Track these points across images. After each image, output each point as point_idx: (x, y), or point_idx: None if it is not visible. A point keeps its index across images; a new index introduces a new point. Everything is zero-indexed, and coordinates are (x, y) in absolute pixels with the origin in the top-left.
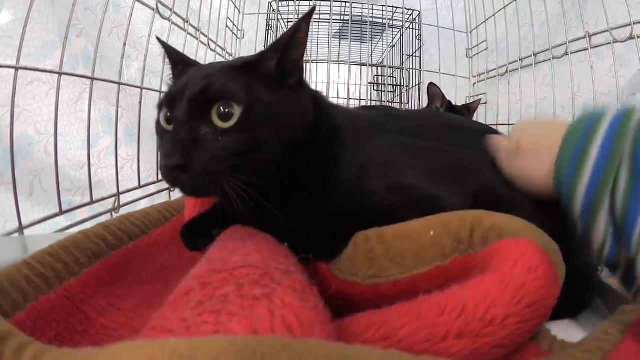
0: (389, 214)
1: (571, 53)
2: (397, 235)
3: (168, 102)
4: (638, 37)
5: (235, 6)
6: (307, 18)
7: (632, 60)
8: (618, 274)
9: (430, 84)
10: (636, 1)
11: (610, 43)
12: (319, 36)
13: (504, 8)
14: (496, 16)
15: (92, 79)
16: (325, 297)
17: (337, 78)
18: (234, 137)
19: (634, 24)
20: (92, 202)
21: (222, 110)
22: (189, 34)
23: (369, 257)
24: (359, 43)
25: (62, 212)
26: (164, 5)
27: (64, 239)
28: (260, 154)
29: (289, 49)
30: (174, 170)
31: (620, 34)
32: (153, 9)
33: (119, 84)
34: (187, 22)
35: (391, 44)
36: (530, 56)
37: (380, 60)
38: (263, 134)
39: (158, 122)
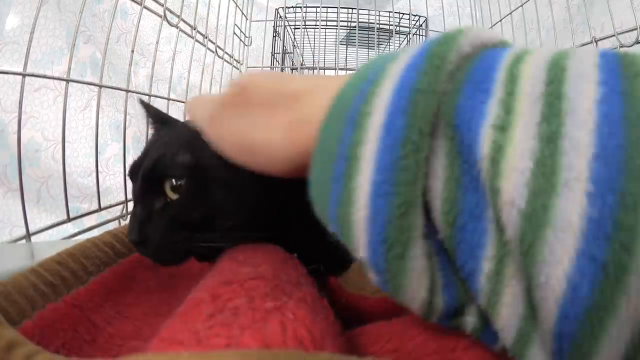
0: None
1: None
2: None
3: (131, 175)
4: None
5: (243, 13)
6: None
7: None
8: (470, 324)
9: None
10: None
11: (616, 48)
12: (327, 43)
13: (510, 14)
14: (503, 22)
15: (100, 86)
16: (335, 310)
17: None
18: (183, 208)
19: None
20: (100, 209)
21: (174, 183)
22: (196, 41)
23: None
24: (366, 49)
25: (69, 219)
26: (171, 12)
27: (72, 247)
28: (218, 221)
29: None
30: (136, 245)
31: (627, 39)
32: (161, 16)
33: (127, 91)
34: (194, 29)
35: (398, 50)
36: None
37: None
38: (215, 202)
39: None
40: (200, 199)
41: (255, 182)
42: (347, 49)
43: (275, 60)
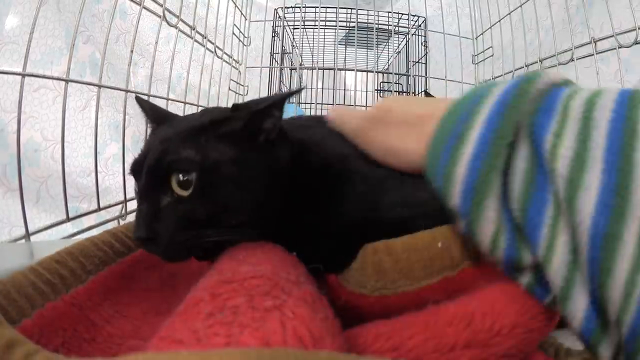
0: (398, 227)
1: (577, 59)
2: (405, 247)
3: (134, 172)
4: None
5: (242, 13)
6: (282, 100)
7: (637, 65)
8: (524, 279)
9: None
10: None
11: (615, 48)
12: (325, 43)
13: (509, 14)
14: (501, 22)
15: (100, 86)
16: (334, 308)
17: (344, 84)
18: (194, 205)
19: (639, 28)
20: (99, 209)
21: (181, 178)
22: (195, 41)
23: (377, 269)
24: (365, 49)
25: (69, 219)
26: (171, 12)
27: (71, 246)
28: (226, 217)
29: (259, 118)
30: (143, 242)
31: (626, 39)
32: (160, 16)
33: (126, 91)
34: (194, 29)
35: (397, 51)
36: (537, 62)
37: (386, 67)
38: (224, 198)
39: (135, 190)
40: (211, 195)
41: (262, 177)
42: (346, 49)
43: (274, 60)
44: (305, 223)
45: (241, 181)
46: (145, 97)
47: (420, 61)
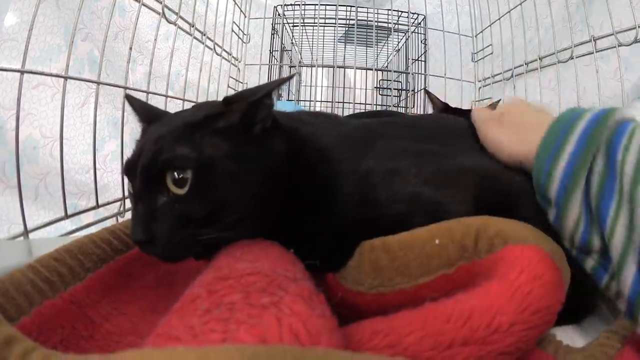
0: (394, 223)
1: (576, 57)
2: (402, 245)
3: (128, 172)
4: None
5: (241, 10)
6: (274, 88)
7: (637, 63)
8: (591, 262)
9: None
10: None
11: (615, 47)
12: (325, 40)
13: (509, 12)
14: (501, 20)
15: (98, 83)
16: (331, 305)
17: (343, 82)
18: (191, 203)
19: (639, 27)
20: (97, 206)
21: (176, 176)
22: (194, 38)
23: (374, 267)
24: (365, 47)
25: (67, 216)
26: (170, 9)
27: (70, 243)
28: (224, 214)
29: (255, 108)
30: (141, 244)
31: (625, 38)
32: (159, 13)
33: (125, 88)
34: (193, 26)
35: (396, 48)
36: (536, 60)
37: (386, 65)
38: (222, 195)
39: (129, 191)
40: (208, 192)
41: (259, 170)
42: (345, 47)
43: (273, 57)
44: (302, 219)
45: (238, 176)
46: (144, 95)
47: (419, 59)
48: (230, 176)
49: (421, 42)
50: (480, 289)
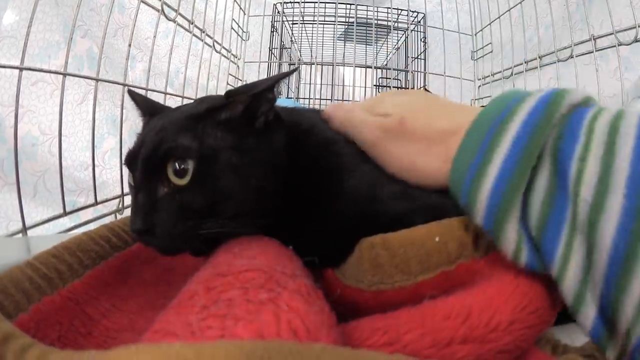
0: (395, 221)
1: (576, 56)
2: (402, 242)
3: (129, 163)
4: None
5: (241, 8)
6: (276, 82)
7: (637, 63)
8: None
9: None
10: None
11: (615, 46)
12: (324, 38)
13: (509, 10)
14: (501, 18)
15: (97, 79)
16: (330, 302)
17: (342, 80)
18: (192, 194)
19: (639, 26)
20: (96, 203)
21: (177, 167)
22: (194, 35)
23: (373, 264)
24: (364, 45)
25: (65, 213)
26: (169, 6)
27: (68, 240)
28: (226, 206)
29: (258, 101)
30: (140, 235)
31: (625, 37)
32: (158, 10)
33: (124, 85)
34: (192, 23)
35: (396, 46)
36: (536, 59)
37: (385, 63)
38: (224, 187)
39: (129, 183)
40: (209, 183)
41: (261, 163)
42: (345, 45)
43: (273, 55)
44: (302, 214)
45: (240, 168)
46: (143, 92)
47: (419, 57)
48: (231, 168)
49: (421, 40)
50: (480, 287)
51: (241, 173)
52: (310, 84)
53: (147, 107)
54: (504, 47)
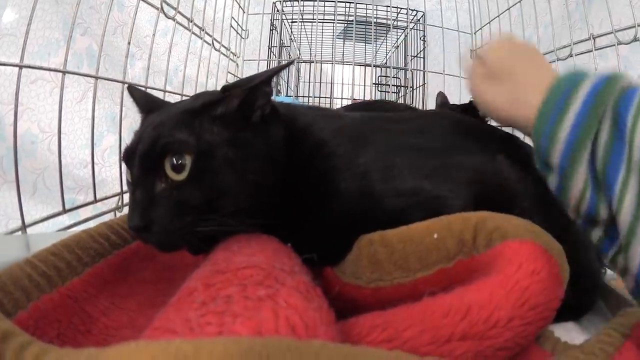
0: (393, 218)
1: (575, 55)
2: (401, 239)
3: (126, 160)
4: None
5: (240, 6)
6: (272, 75)
7: (636, 62)
8: (597, 233)
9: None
10: None
11: (614, 45)
12: (323, 36)
13: (508, 9)
14: (500, 17)
15: (96, 77)
16: (329, 299)
17: (342, 78)
18: (190, 189)
19: (638, 25)
20: (95, 200)
21: (175, 162)
22: (193, 33)
23: (372, 261)
24: (363, 43)
25: (65, 211)
26: (168, 4)
27: (67, 238)
28: (224, 202)
29: (254, 95)
30: (138, 231)
31: (625, 36)
32: (158, 8)
33: (123, 82)
34: (191, 21)
35: (395, 45)
36: None
37: (385, 61)
38: (221, 182)
39: (127, 180)
40: (207, 178)
41: (258, 158)
42: (344, 43)
43: (272, 53)
44: (300, 212)
45: (237, 162)
46: (142, 89)
47: (418, 55)
48: (228, 162)
49: (420, 38)
50: (479, 283)
51: (238, 168)
52: (309, 82)
53: (146, 103)
54: None
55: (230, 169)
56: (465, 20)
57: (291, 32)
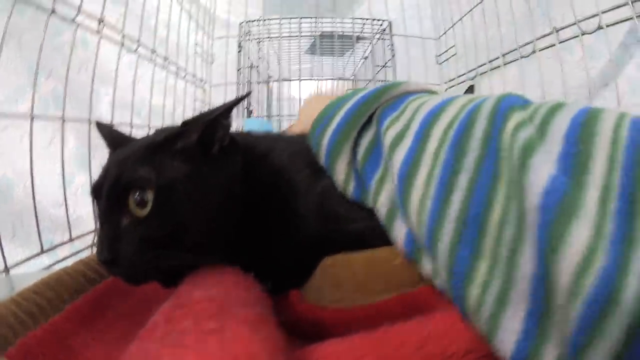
0: (355, 240)
1: (539, 50)
2: (364, 262)
3: (94, 195)
4: (607, 26)
5: (204, 31)
6: (231, 107)
7: (602, 50)
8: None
9: None
10: None
11: (578, 36)
12: (291, 54)
13: (470, 11)
14: (463, 20)
15: (63, 120)
16: (292, 322)
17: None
18: (151, 225)
19: (602, 13)
20: (71, 239)
21: (138, 198)
22: (156, 64)
23: (333, 282)
24: (331, 57)
25: (43, 251)
26: (130, 39)
27: (47, 277)
28: (184, 237)
29: (212, 128)
30: (107, 264)
31: (589, 26)
32: (119, 44)
33: (90, 122)
34: (154, 52)
35: (364, 56)
36: (498, 58)
37: (353, 74)
38: (181, 216)
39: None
40: (167, 213)
41: (217, 191)
42: (313, 59)
43: (241, 75)
44: (261, 240)
45: (196, 196)
46: (109, 125)
47: (386, 65)
48: (188, 197)
49: (387, 47)
50: (440, 313)
51: (197, 201)
52: (281, 100)
53: (113, 139)
54: (467, 48)
55: (190, 203)
56: (430, 26)
57: (259, 51)
